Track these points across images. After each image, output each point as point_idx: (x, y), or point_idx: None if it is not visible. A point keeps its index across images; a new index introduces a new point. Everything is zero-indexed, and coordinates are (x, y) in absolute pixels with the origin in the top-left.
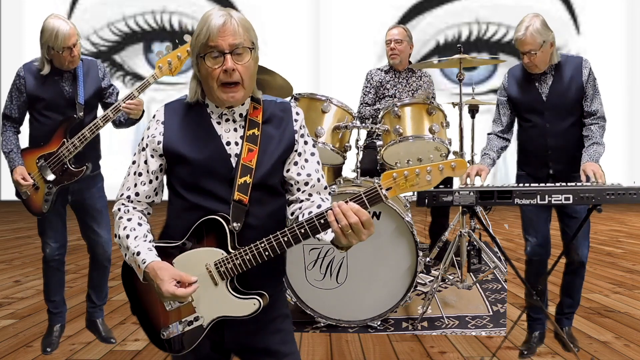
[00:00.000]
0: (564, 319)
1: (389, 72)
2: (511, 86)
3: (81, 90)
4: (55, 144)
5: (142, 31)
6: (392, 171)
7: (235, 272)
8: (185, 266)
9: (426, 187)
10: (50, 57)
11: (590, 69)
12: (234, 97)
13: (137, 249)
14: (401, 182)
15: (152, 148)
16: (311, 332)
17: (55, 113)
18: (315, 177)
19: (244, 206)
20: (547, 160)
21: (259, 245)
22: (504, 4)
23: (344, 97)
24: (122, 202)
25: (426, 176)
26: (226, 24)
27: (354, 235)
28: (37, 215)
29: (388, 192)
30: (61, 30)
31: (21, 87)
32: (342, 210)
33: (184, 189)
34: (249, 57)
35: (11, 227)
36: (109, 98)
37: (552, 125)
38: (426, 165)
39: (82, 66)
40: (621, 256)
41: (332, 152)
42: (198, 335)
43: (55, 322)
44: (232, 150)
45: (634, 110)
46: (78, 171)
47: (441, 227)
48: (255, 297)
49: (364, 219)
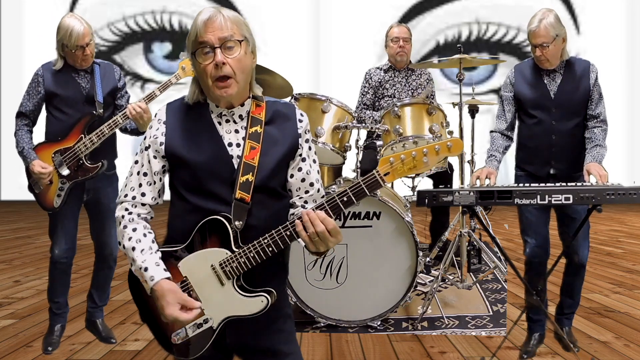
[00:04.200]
0: (564, 319)
1: (389, 71)
2: (518, 81)
3: (99, 88)
4: (73, 139)
5: (142, 31)
6: (389, 156)
7: (240, 271)
8: (190, 268)
9: (424, 169)
10: (64, 55)
11: (597, 73)
12: (227, 92)
13: (145, 264)
14: (398, 166)
15: (154, 149)
16: (311, 332)
17: (73, 109)
18: (316, 187)
19: (245, 204)
20: (550, 158)
21: (262, 241)
22: (504, 4)
23: (344, 97)
24: (126, 206)
25: (423, 158)
26: (213, 18)
27: (320, 242)
28: (48, 211)
29: (386, 177)
30: (75, 29)
31: (39, 84)
32: (310, 218)
33: (186, 191)
34: (240, 50)
35: (11, 227)
36: (120, 99)
37: (558, 123)
38: (422, 147)
39: (99, 69)
40: (621, 256)
41: (332, 152)
42: (209, 337)
43: (56, 322)
44: (234, 151)
45: (634, 111)
46: (93, 167)
47: (441, 225)
48: (263, 294)
49: (330, 228)
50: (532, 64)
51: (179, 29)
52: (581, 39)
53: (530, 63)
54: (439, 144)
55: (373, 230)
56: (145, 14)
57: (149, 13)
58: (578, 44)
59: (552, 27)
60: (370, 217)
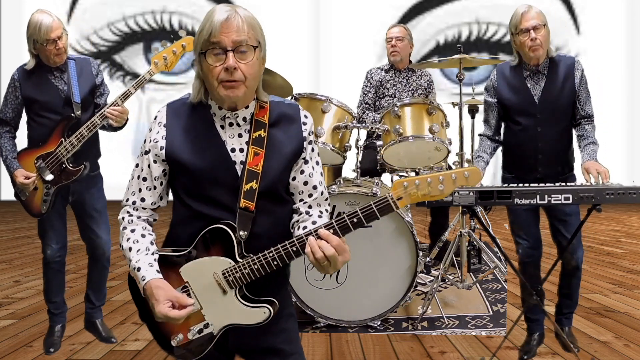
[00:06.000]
0: (563, 319)
1: (389, 71)
2: (501, 85)
3: (76, 89)
4: (53, 144)
5: (142, 31)
6: (403, 179)
7: (243, 282)
8: (192, 275)
9: (438, 197)
10: (36, 52)
11: (582, 70)
12: (234, 93)
13: (138, 264)
14: (412, 191)
15: (154, 153)
16: (311, 332)
17: (53, 113)
18: (319, 189)
19: (250, 213)
20: (536, 165)
21: (267, 255)
22: (504, 4)
23: (344, 97)
24: (127, 209)
25: (439, 185)
26: (230, 19)
27: (329, 266)
28: (36, 217)
29: (399, 201)
30: (44, 23)
31: (16, 90)
32: (318, 243)
33: (189, 196)
34: (252, 56)
35: (11, 227)
36: (99, 98)
37: (543, 129)
38: (438, 174)
39: (74, 65)
40: (621, 256)
41: (332, 152)
42: (209, 342)
43: (56, 323)
44: (237, 157)
45: (634, 110)
46: (76, 170)
47: (441, 227)
48: (265, 305)
49: (335, 244)
50: (513, 67)
51: (178, 29)
52: (581, 39)
53: (512, 65)
54: (456, 172)
55: (373, 230)
56: (145, 14)
57: (149, 13)
58: (578, 44)
59: (542, 13)
60: None
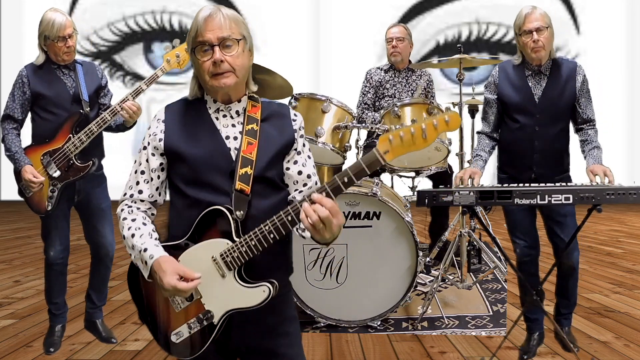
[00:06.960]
0: (562, 320)
1: (389, 71)
2: (502, 82)
3: (84, 87)
4: (61, 140)
5: (142, 31)
6: (388, 134)
7: (242, 261)
8: (191, 262)
9: (423, 146)
10: (46, 48)
11: (584, 75)
12: (225, 83)
13: (144, 245)
14: (397, 143)
15: (153, 146)
16: (311, 332)
17: (60, 109)
18: (313, 179)
19: (246, 196)
20: (531, 164)
21: (263, 228)
22: (504, 4)
23: (344, 97)
24: (126, 202)
25: (422, 134)
26: (212, 17)
27: (324, 229)
28: (40, 214)
29: (385, 155)
30: (57, 20)
31: (24, 85)
32: (313, 207)
33: (185, 184)
34: (237, 48)
35: (11, 227)
36: (104, 98)
37: (541, 128)
38: (420, 124)
39: (82, 67)
40: (621, 256)
41: (332, 152)
42: (210, 333)
43: (56, 323)
44: (232, 144)
45: (634, 110)
46: (84, 166)
47: (441, 227)
48: (265, 284)
49: (329, 206)
50: (516, 65)
51: (179, 29)
52: (581, 39)
53: (515, 64)
54: (436, 118)
55: (373, 230)
56: (145, 14)
57: (149, 13)
58: (578, 44)
59: (546, 15)
60: (370, 217)
